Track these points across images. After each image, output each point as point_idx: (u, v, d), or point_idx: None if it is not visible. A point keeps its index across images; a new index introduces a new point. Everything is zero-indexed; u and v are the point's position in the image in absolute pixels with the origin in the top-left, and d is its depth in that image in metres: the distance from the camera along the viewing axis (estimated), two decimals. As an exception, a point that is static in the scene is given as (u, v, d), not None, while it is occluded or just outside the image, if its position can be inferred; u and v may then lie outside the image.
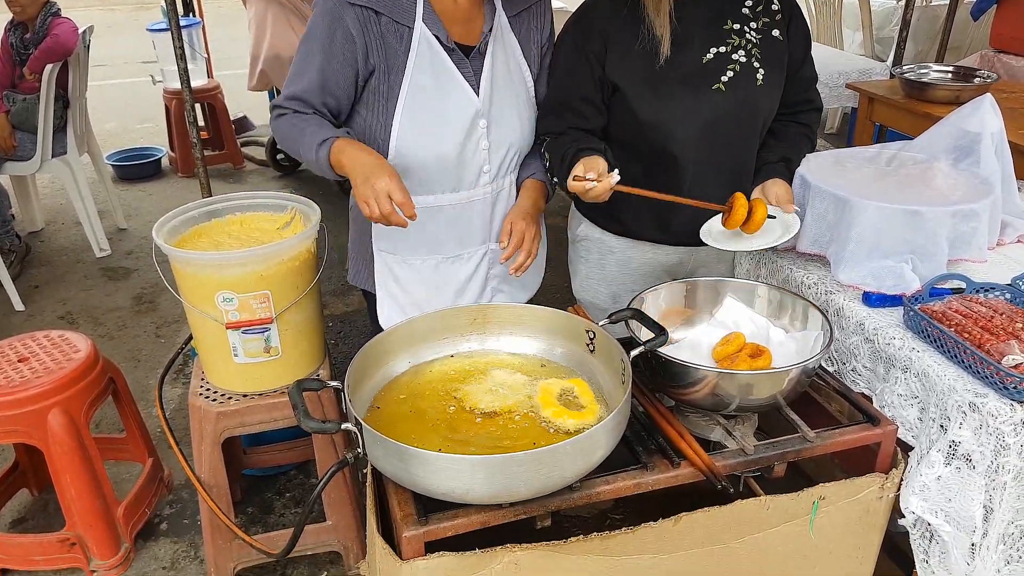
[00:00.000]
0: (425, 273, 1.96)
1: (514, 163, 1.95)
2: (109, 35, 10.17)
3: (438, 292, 1.97)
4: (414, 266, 1.96)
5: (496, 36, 1.82)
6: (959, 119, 2.03)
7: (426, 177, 1.83)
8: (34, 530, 2.65)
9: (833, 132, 6.09)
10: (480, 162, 1.86)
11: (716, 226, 1.88)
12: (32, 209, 4.95)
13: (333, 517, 2.30)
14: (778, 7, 1.90)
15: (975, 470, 1.49)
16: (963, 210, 1.79)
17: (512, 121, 1.88)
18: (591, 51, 1.87)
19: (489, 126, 1.83)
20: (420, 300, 1.96)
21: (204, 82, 5.71)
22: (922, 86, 3.38)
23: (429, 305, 1.92)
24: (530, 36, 1.91)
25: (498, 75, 1.83)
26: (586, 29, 1.88)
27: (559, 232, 4.87)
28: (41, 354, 2.33)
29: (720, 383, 1.48)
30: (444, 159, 1.81)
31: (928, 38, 5.54)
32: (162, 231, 2.00)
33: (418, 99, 1.76)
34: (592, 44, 1.86)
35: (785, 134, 2.00)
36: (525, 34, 1.90)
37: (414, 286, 1.97)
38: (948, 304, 1.69)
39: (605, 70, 1.87)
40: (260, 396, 2.10)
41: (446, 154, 1.80)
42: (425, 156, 1.80)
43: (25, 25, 4.23)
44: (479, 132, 1.82)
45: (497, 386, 1.55)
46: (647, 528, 1.42)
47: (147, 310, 4.07)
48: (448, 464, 1.28)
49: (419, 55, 1.75)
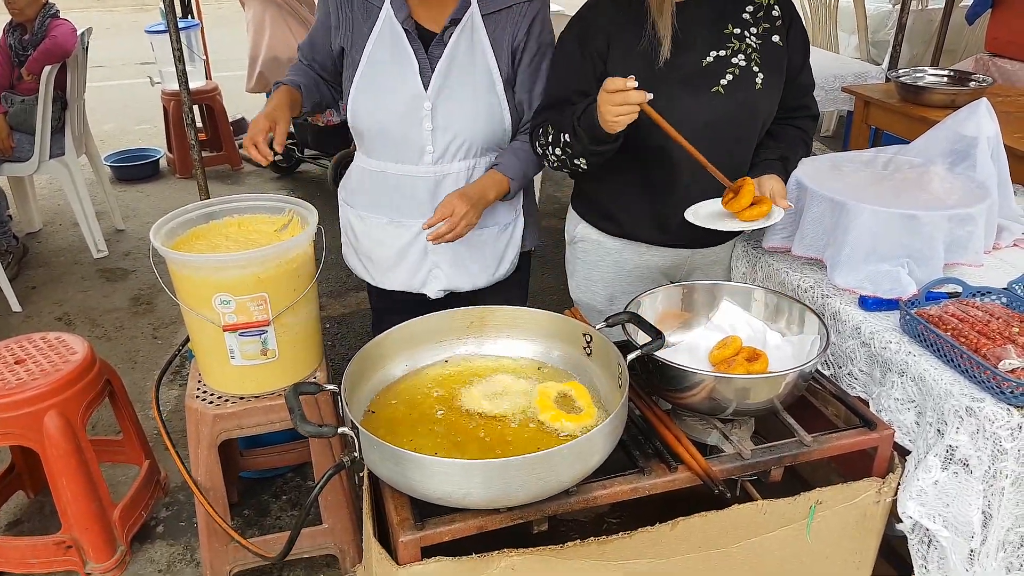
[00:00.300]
0: (372, 230, 2.14)
1: (463, 150, 2.00)
2: (108, 36, 10.17)
3: (381, 250, 2.15)
4: (365, 220, 2.15)
5: (465, 28, 1.91)
6: (955, 123, 2.04)
7: (372, 143, 2.05)
8: (30, 532, 2.64)
9: (829, 135, 6.10)
10: (422, 141, 1.97)
11: (703, 209, 1.89)
12: (30, 210, 4.94)
13: (329, 520, 2.30)
14: (778, 13, 1.91)
15: (972, 475, 1.49)
16: (959, 214, 1.80)
17: (464, 110, 1.95)
18: (594, 48, 1.88)
19: (435, 109, 1.93)
20: (368, 252, 2.18)
21: (202, 84, 5.71)
22: (918, 90, 3.39)
23: (376, 256, 2.16)
24: (503, 36, 1.95)
25: (457, 64, 1.92)
26: (589, 27, 1.89)
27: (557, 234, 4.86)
28: (38, 356, 2.33)
29: (717, 387, 1.48)
30: (385, 130, 1.99)
31: (923, 41, 5.55)
32: (159, 233, 2.00)
33: (372, 71, 1.96)
34: (595, 42, 1.87)
35: (782, 136, 2.02)
36: (498, 34, 1.95)
37: (364, 239, 2.17)
38: (944, 308, 1.69)
39: (607, 68, 1.87)
40: (257, 398, 2.10)
41: (387, 126, 1.98)
42: (369, 124, 2.01)
43: (24, 26, 4.23)
44: (422, 112, 1.94)
45: (494, 390, 1.56)
46: (644, 533, 1.42)
47: (144, 311, 4.06)
48: (444, 468, 1.28)
49: (381, 33, 1.93)
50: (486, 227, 2.09)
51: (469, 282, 2.15)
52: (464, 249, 2.09)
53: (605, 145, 1.79)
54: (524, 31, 1.95)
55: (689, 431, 1.59)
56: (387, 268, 2.16)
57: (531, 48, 1.97)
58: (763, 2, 1.91)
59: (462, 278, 2.14)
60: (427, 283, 2.14)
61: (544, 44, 2.00)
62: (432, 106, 1.93)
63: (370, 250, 2.17)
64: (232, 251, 2.01)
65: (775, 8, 1.91)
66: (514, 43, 1.96)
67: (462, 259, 2.12)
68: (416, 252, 2.11)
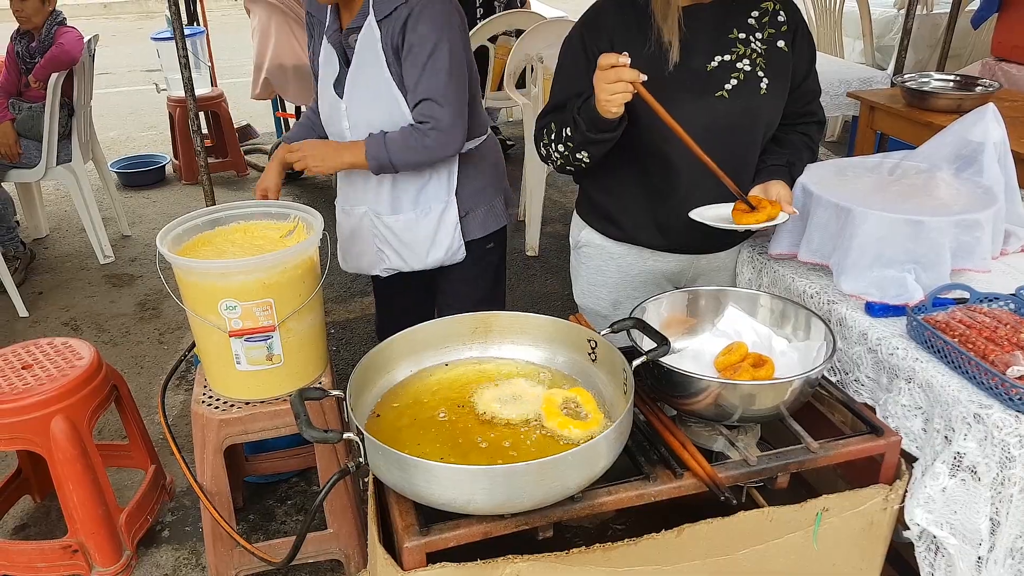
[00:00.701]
0: (339, 216, 2.43)
1: None
2: (114, 43, 10.22)
3: (342, 234, 2.43)
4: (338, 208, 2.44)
5: (365, 34, 2.09)
6: (962, 128, 2.03)
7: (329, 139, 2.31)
8: (36, 537, 2.65)
9: (834, 140, 6.09)
10: (346, 139, 2.22)
11: (709, 212, 1.89)
12: (37, 216, 4.96)
13: (334, 525, 2.30)
14: (784, 19, 1.91)
15: (980, 482, 1.48)
16: (966, 220, 1.79)
17: (369, 110, 2.16)
18: (599, 50, 1.86)
19: (349, 110, 2.19)
20: (339, 238, 2.45)
21: (208, 90, 5.74)
22: (923, 95, 3.38)
23: (341, 243, 2.45)
24: (387, 38, 2.09)
25: (361, 69, 2.12)
26: (594, 30, 1.89)
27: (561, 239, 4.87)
28: (44, 361, 2.33)
29: (723, 393, 1.48)
30: (328, 127, 2.31)
31: (929, 46, 5.54)
32: (166, 239, 2.00)
33: (319, 80, 2.26)
34: (600, 44, 1.87)
35: (788, 142, 2.01)
36: (386, 37, 2.08)
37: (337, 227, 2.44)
38: (952, 314, 1.68)
39: None
40: (262, 404, 2.10)
41: (327, 123, 2.30)
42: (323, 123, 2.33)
43: (31, 34, 4.25)
44: (340, 112, 2.20)
45: (499, 395, 1.55)
46: (650, 539, 1.42)
47: (150, 317, 4.07)
48: (449, 474, 1.28)
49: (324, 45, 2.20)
50: (406, 212, 2.29)
51: (404, 264, 2.36)
52: (391, 235, 2.32)
53: (604, 133, 1.79)
54: (399, 30, 2.06)
55: (695, 437, 1.58)
56: (346, 250, 2.44)
57: (407, 46, 2.07)
58: (769, 7, 1.90)
59: (398, 259, 2.35)
60: (375, 264, 2.39)
61: (419, 40, 2.05)
62: (346, 108, 2.18)
63: (339, 236, 2.45)
64: (238, 257, 2.01)
65: (781, 13, 1.91)
66: (394, 43, 2.08)
67: (393, 244, 2.33)
68: (364, 236, 2.36)
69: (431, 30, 2.05)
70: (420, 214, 2.28)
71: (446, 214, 2.28)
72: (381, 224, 2.31)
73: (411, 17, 2.04)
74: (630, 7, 1.87)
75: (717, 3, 1.86)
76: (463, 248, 2.34)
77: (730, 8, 1.88)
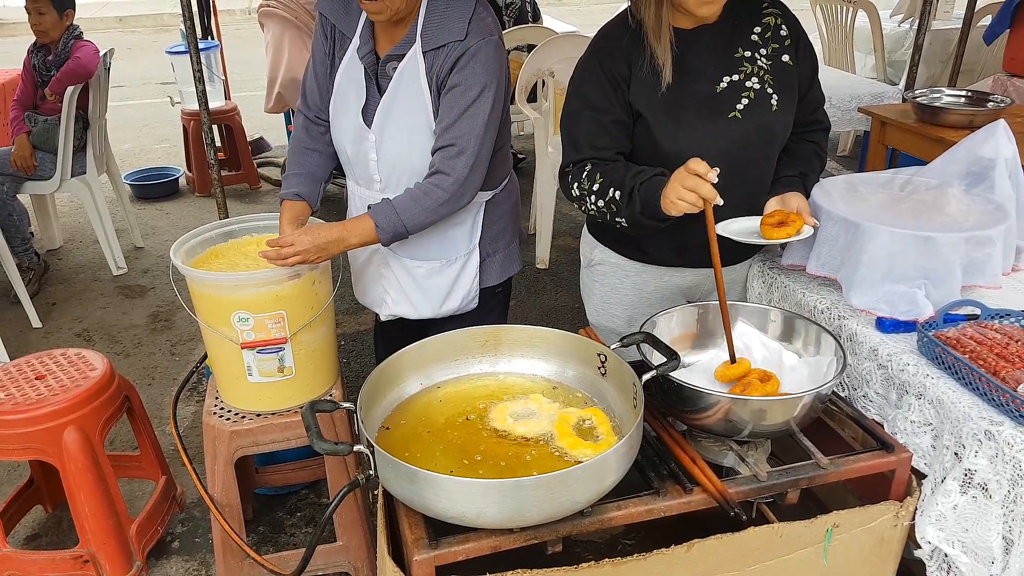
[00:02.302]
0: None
1: (405, 182, 2.00)
2: (129, 56, 10.32)
3: (354, 265, 2.28)
4: None
5: (408, 64, 1.93)
6: (973, 145, 2.03)
7: (343, 163, 2.14)
8: (48, 547, 2.66)
9: (845, 155, 6.08)
10: (370, 171, 2.05)
11: (733, 225, 1.89)
12: (51, 227, 5.01)
13: (344, 538, 2.30)
14: (786, 32, 1.92)
15: (992, 499, 1.48)
16: (977, 236, 1.78)
17: (402, 143, 1.98)
18: (618, 74, 1.86)
19: (378, 142, 2.00)
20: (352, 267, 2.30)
21: (221, 103, 5.78)
22: (935, 110, 3.38)
23: (354, 273, 2.30)
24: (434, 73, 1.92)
25: (399, 98, 1.95)
26: (611, 55, 1.88)
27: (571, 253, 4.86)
28: (58, 372, 2.35)
29: (733, 409, 1.48)
30: (344, 153, 2.10)
31: (940, 62, 5.54)
32: (179, 252, 2.02)
33: (337, 97, 2.04)
34: (618, 67, 1.86)
35: (798, 152, 2.02)
36: (432, 69, 1.92)
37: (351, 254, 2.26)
38: (962, 331, 1.68)
39: (630, 93, 1.87)
40: (273, 415, 2.11)
41: (345, 149, 2.08)
42: (337, 145, 2.12)
43: (48, 47, 4.30)
44: (368, 143, 2.01)
45: (511, 411, 1.56)
46: (659, 555, 1.41)
47: (163, 328, 4.10)
48: (459, 487, 1.28)
49: (347, 63, 2.01)
50: (426, 261, 2.10)
51: (413, 312, 2.18)
52: (408, 280, 2.13)
53: (654, 221, 1.77)
54: (448, 68, 1.90)
55: (705, 452, 1.58)
56: (356, 279, 2.30)
57: (451, 84, 1.90)
58: (771, 22, 1.91)
59: (405, 306, 2.18)
60: (380, 305, 2.23)
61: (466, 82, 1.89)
62: (376, 139, 1.99)
63: (352, 265, 2.30)
64: (251, 269, 2.03)
65: (783, 27, 1.92)
66: (439, 79, 1.92)
67: (406, 289, 2.15)
68: (372, 272, 2.21)
69: (481, 75, 1.89)
70: (445, 263, 2.11)
71: (469, 262, 2.13)
72: (398, 267, 2.13)
73: (463, 57, 1.88)
74: (637, 28, 1.86)
75: (719, 23, 1.87)
76: (478, 297, 2.19)
77: (734, 27, 1.89)
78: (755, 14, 1.91)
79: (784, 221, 1.82)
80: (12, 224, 4.23)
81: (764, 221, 1.85)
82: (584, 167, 1.89)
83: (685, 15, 1.82)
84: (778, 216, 1.84)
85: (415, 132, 1.96)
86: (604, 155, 1.88)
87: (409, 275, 2.13)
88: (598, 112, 1.88)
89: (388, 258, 2.13)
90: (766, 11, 1.91)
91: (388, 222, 1.92)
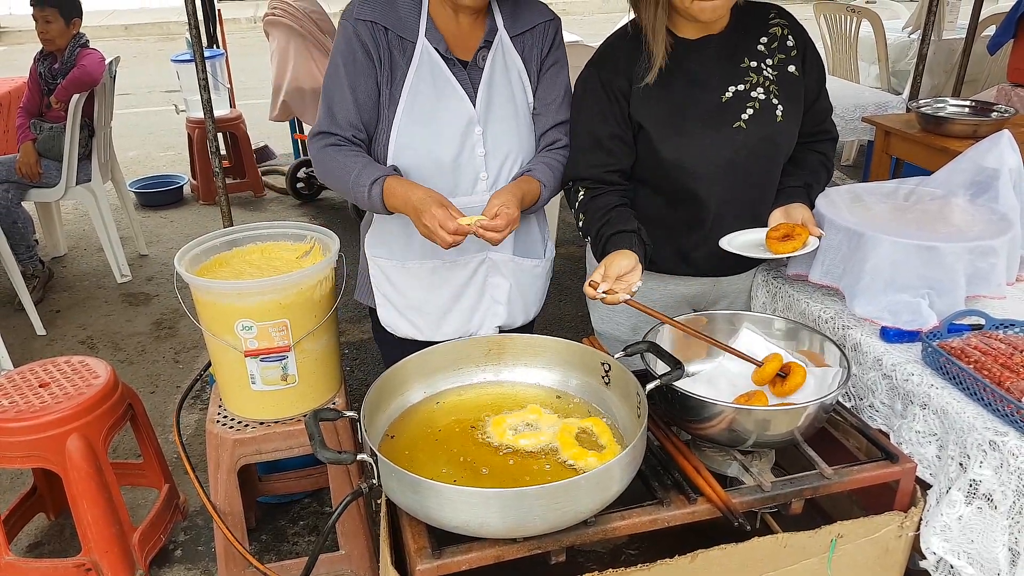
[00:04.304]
0: (422, 277, 1.97)
1: (515, 172, 1.94)
2: (134, 64, 10.36)
3: (435, 294, 1.98)
4: (411, 270, 1.97)
5: (497, 50, 1.89)
6: (977, 155, 2.03)
7: (423, 180, 1.84)
8: (50, 554, 2.66)
9: (849, 164, 6.09)
10: (477, 168, 1.89)
11: (738, 239, 1.90)
12: (55, 235, 5.02)
13: (346, 547, 2.30)
14: (793, 43, 1.92)
15: (997, 510, 1.47)
16: (981, 246, 1.78)
17: (509, 130, 1.91)
18: (617, 88, 1.88)
19: (485, 133, 1.88)
20: (417, 303, 1.99)
21: (226, 112, 5.81)
22: (939, 120, 3.38)
23: (427, 307, 1.98)
24: (532, 55, 1.95)
25: (496, 85, 1.89)
26: (611, 68, 1.90)
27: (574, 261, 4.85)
28: (61, 379, 2.36)
29: (737, 419, 1.47)
30: (440, 163, 1.86)
31: (944, 71, 5.54)
32: (183, 260, 2.03)
33: (416, 104, 1.84)
34: (618, 81, 1.88)
35: (804, 162, 2.02)
36: (528, 52, 1.94)
37: (411, 290, 1.99)
38: (967, 341, 1.67)
39: (630, 108, 1.88)
40: (277, 424, 2.11)
41: (441, 158, 1.86)
42: (421, 159, 1.86)
43: (54, 55, 4.33)
44: (474, 138, 1.87)
45: (515, 421, 1.55)
46: (663, 565, 1.41)
47: (166, 336, 4.10)
48: (462, 497, 1.28)
49: (420, 65, 1.84)
50: (537, 259, 2.06)
51: (523, 316, 2.08)
52: (518, 282, 2.01)
53: None
54: (547, 46, 1.96)
55: (709, 462, 1.57)
56: (439, 316, 1.99)
57: (551, 60, 1.97)
58: (777, 32, 1.92)
59: (517, 313, 2.05)
60: (484, 322, 2.02)
61: (560, 58, 1.99)
62: (482, 131, 1.87)
63: (421, 302, 1.99)
64: (255, 277, 2.03)
65: (789, 38, 1.92)
66: (541, 59, 1.95)
67: (519, 292, 2.03)
68: (475, 287, 1.99)
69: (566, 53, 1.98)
70: (544, 263, 2.08)
71: (548, 258, 2.12)
72: (511, 269, 1.99)
73: (558, 33, 1.97)
74: (636, 41, 1.88)
75: (726, 33, 1.87)
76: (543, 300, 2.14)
77: (740, 37, 1.89)
78: (762, 24, 1.91)
79: (789, 234, 1.83)
80: (17, 231, 4.24)
81: (769, 235, 1.85)
82: (578, 193, 1.94)
83: (691, 22, 1.83)
84: (783, 229, 1.84)
85: (519, 116, 1.93)
86: (596, 174, 1.91)
87: (522, 275, 2.02)
88: (595, 128, 1.91)
89: (499, 264, 1.98)
90: (773, 22, 1.92)
91: (549, 179, 1.91)
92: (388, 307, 2.02)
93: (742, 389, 1.65)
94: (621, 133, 1.90)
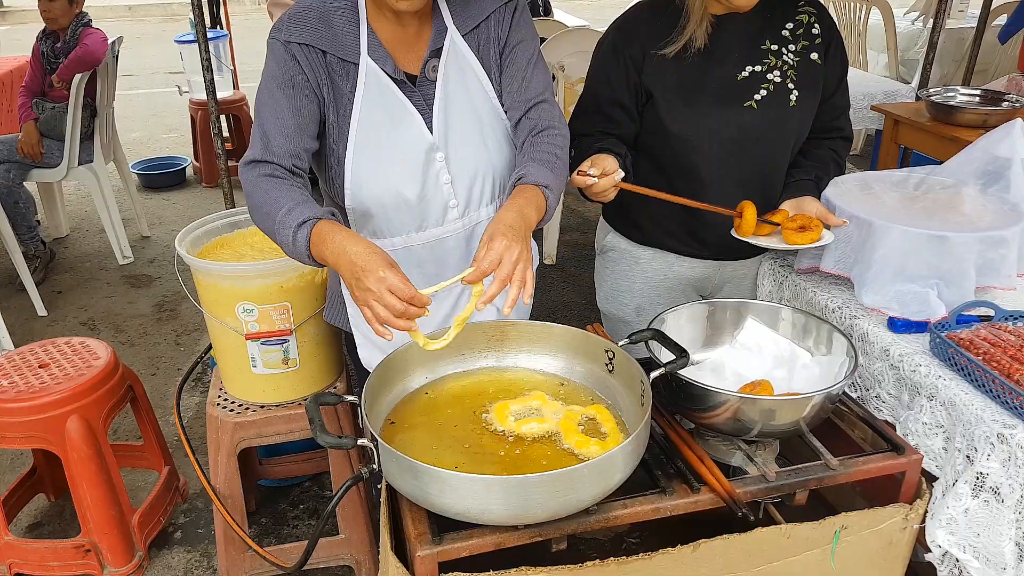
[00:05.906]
0: None
1: (488, 192, 1.75)
2: (138, 45, 10.32)
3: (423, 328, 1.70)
4: None
5: (448, 58, 1.67)
6: (989, 144, 2.01)
7: (387, 219, 1.69)
8: (50, 535, 2.66)
9: (857, 153, 6.05)
10: (445, 198, 1.70)
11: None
12: (57, 216, 5.01)
13: (346, 531, 2.29)
14: (819, 31, 1.91)
15: (1004, 504, 1.45)
16: (991, 236, 1.76)
17: (475, 147, 1.70)
18: (630, 56, 1.88)
19: (448, 158, 1.67)
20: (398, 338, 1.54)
21: (229, 94, 5.78)
22: (949, 109, 3.34)
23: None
24: (489, 48, 1.72)
25: (453, 101, 1.67)
26: (627, 35, 1.90)
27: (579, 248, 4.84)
28: (62, 360, 2.35)
29: (742, 408, 1.46)
30: (403, 198, 1.66)
31: (954, 60, 5.50)
32: (185, 241, 2.01)
33: (369, 137, 1.63)
34: (631, 49, 1.88)
35: (815, 156, 2.00)
36: (484, 47, 1.71)
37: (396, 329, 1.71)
38: (976, 332, 1.66)
39: (642, 76, 1.88)
40: (277, 407, 2.10)
41: (404, 193, 1.66)
42: (382, 197, 1.66)
43: (57, 34, 4.30)
44: (437, 166, 1.67)
45: (517, 410, 1.54)
46: (665, 554, 1.40)
47: (168, 318, 4.09)
48: (464, 483, 1.27)
49: (367, 90, 1.62)
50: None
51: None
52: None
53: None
54: (505, 32, 1.71)
55: (712, 452, 1.56)
56: None
57: (511, 45, 1.71)
58: (804, 20, 1.90)
59: None
60: None
61: (527, 37, 1.73)
62: (444, 155, 1.67)
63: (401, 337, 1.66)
64: (256, 260, 2.02)
65: (816, 26, 1.91)
66: (499, 49, 1.71)
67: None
68: None
69: (532, 27, 1.74)
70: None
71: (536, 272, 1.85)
72: None
73: (517, 12, 1.70)
74: (663, 15, 1.87)
75: (752, 14, 1.85)
76: None
77: (765, 19, 1.88)
78: (789, 10, 1.91)
79: (806, 226, 1.82)
80: (18, 212, 4.23)
81: (785, 225, 1.84)
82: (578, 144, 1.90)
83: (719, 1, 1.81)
84: (800, 220, 1.83)
85: (484, 128, 1.70)
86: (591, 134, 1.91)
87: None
88: (598, 90, 1.93)
89: None
90: (801, 8, 1.91)
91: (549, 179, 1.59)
92: (369, 346, 1.84)
93: (747, 378, 1.64)
94: (624, 100, 1.90)
